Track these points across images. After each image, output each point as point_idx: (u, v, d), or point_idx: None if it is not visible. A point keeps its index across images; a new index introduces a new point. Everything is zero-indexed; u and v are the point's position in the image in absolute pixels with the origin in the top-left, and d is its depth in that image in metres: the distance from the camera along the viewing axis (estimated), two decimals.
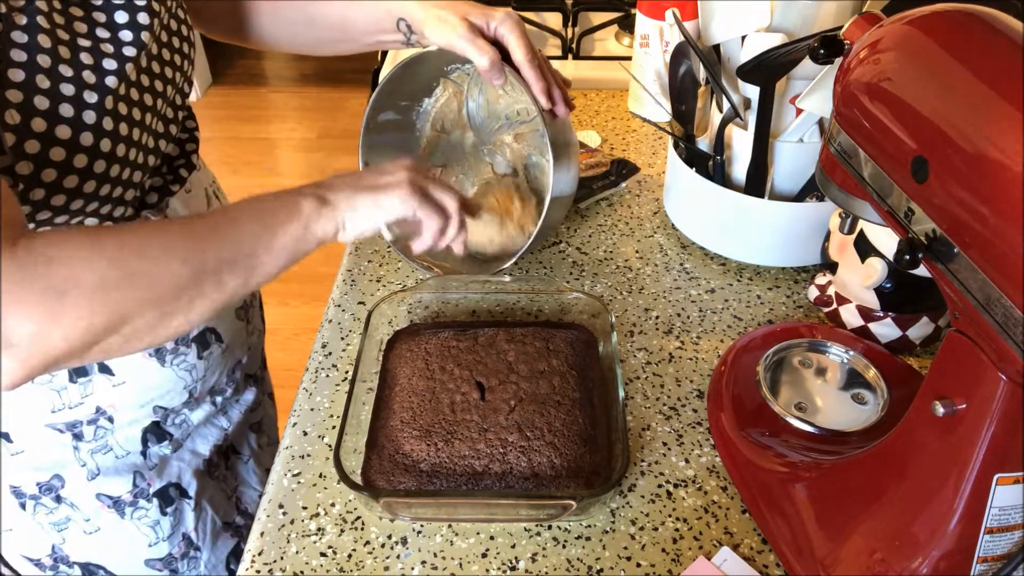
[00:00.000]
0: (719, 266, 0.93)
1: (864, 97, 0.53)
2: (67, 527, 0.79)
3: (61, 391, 0.71)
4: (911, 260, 0.49)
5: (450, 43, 0.79)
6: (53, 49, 0.59)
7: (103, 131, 0.61)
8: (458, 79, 0.94)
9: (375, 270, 0.93)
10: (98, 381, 0.72)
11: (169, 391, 0.78)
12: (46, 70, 0.58)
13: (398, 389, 0.73)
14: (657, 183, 1.07)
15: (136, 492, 0.80)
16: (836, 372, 0.76)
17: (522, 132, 0.95)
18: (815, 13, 0.80)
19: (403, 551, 0.65)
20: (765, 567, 0.63)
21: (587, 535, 0.65)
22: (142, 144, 0.66)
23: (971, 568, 0.53)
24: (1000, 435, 0.49)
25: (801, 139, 0.85)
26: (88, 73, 0.61)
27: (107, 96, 0.61)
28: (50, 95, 0.58)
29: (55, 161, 0.59)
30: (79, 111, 0.59)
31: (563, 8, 1.51)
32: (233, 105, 3.44)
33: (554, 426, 0.69)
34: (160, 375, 0.76)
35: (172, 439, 0.82)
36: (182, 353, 0.77)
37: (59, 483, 0.77)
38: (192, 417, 0.83)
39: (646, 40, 1.17)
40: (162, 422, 0.80)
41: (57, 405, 0.72)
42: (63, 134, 0.59)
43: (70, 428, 0.74)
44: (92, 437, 0.75)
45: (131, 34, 0.65)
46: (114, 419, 0.75)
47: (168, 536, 0.84)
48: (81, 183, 0.61)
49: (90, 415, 0.74)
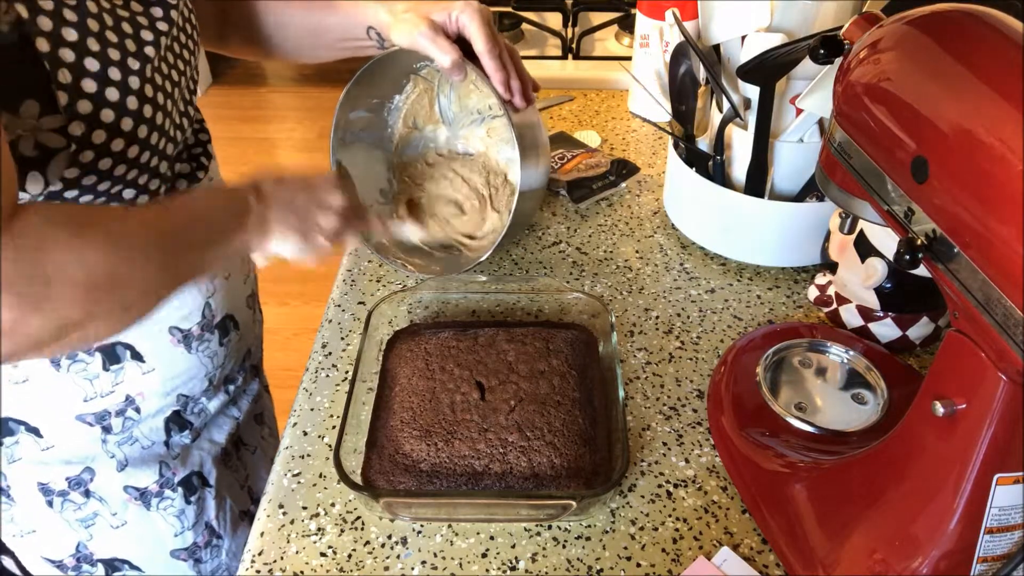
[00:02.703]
0: (719, 266, 0.93)
1: (864, 97, 0.53)
2: (94, 523, 0.80)
3: (94, 380, 0.72)
4: (911, 260, 0.49)
5: (413, 43, 0.79)
6: (99, 15, 0.60)
7: (145, 97, 0.62)
8: (428, 75, 0.94)
9: (375, 270, 0.93)
10: (129, 368, 0.73)
11: (192, 378, 0.79)
12: (95, 33, 0.59)
13: (398, 389, 0.73)
14: (657, 183, 1.07)
15: (162, 482, 0.81)
16: (836, 372, 0.76)
17: (494, 126, 0.95)
18: (815, 13, 0.80)
19: (403, 551, 0.65)
20: (765, 567, 0.63)
21: (587, 535, 0.65)
22: (172, 116, 0.68)
23: (971, 568, 0.53)
24: (1000, 435, 0.49)
25: (801, 139, 0.85)
26: (130, 42, 0.62)
27: (147, 64, 0.63)
28: (100, 58, 0.59)
29: (105, 123, 0.60)
30: (125, 76, 0.61)
31: (563, 8, 1.51)
32: (233, 105, 3.44)
33: (554, 426, 0.69)
34: (187, 361, 0.77)
35: (192, 428, 0.82)
36: (207, 339, 0.78)
37: (89, 476, 0.77)
38: (209, 406, 0.84)
39: (646, 40, 1.17)
40: (183, 411, 0.80)
41: (90, 394, 0.72)
42: (112, 96, 0.60)
43: (99, 420, 0.74)
44: (120, 429, 0.76)
45: (161, 11, 0.67)
46: (141, 409, 0.76)
47: (193, 525, 0.85)
48: (126, 147, 0.62)
49: (119, 404, 0.74)
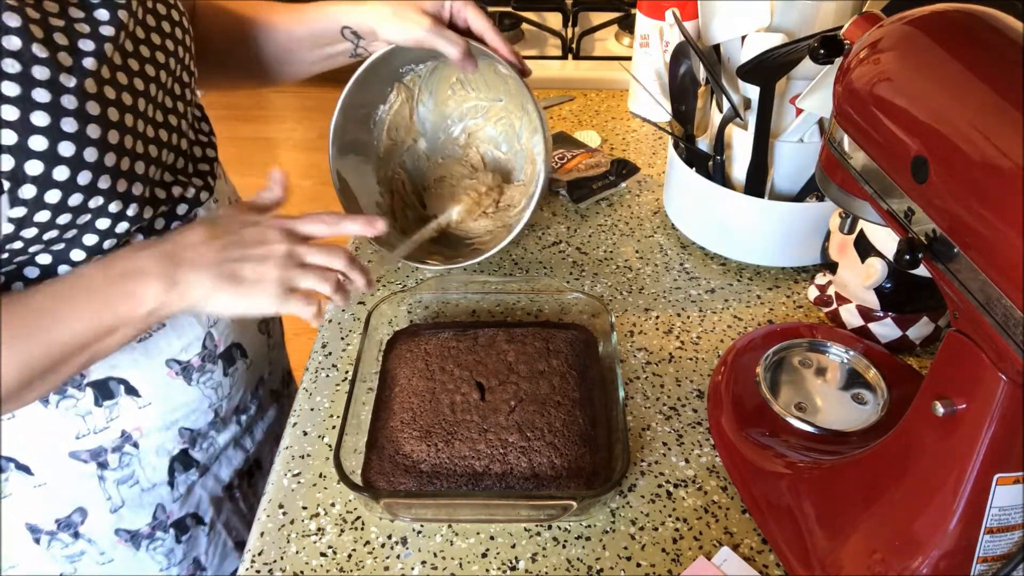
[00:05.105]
0: (719, 266, 0.93)
1: (864, 97, 0.53)
2: (80, 560, 0.77)
3: (86, 416, 0.69)
4: (911, 260, 0.49)
5: (416, 39, 0.75)
6: (23, 28, 0.54)
7: (88, 116, 0.57)
8: (411, 82, 0.92)
9: (375, 270, 0.93)
10: (124, 403, 0.70)
11: (195, 411, 0.75)
12: (15, 52, 0.53)
13: (398, 390, 0.73)
14: (657, 183, 1.07)
15: (155, 524, 0.78)
16: (836, 372, 0.76)
17: (473, 130, 0.96)
18: (815, 13, 0.80)
19: (403, 551, 0.65)
20: (765, 567, 0.63)
21: (587, 535, 0.65)
22: (140, 132, 0.62)
23: (971, 568, 0.53)
24: (1000, 435, 0.49)
25: (801, 139, 0.85)
26: (64, 55, 0.56)
27: (87, 79, 0.57)
28: (21, 79, 0.54)
29: (36, 151, 0.55)
30: (56, 95, 0.55)
31: (563, 8, 1.51)
32: (233, 105, 3.43)
33: (554, 426, 0.69)
34: (186, 394, 0.74)
35: (199, 465, 0.79)
36: (208, 371, 0.75)
37: (80, 518, 0.74)
38: (219, 440, 0.81)
39: (646, 40, 1.17)
40: (190, 448, 0.77)
41: (82, 430, 0.69)
42: (40, 121, 0.55)
43: (94, 457, 0.71)
44: (118, 465, 0.72)
45: (107, 13, 0.60)
46: (139, 444, 0.73)
47: (180, 561, 0.82)
48: (74, 173, 0.57)
49: (115, 441, 0.71)
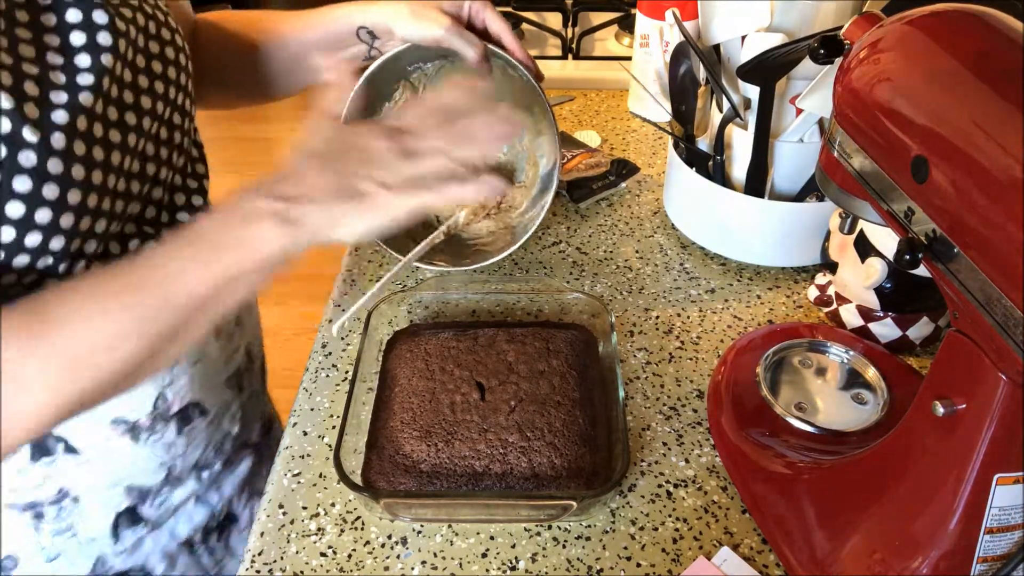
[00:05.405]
0: (719, 266, 0.93)
1: (864, 97, 0.53)
2: None
3: (18, 472, 0.64)
4: (911, 260, 0.49)
5: (434, 38, 0.74)
6: None
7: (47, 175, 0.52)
8: (416, 80, 0.91)
9: (375, 270, 0.93)
10: (61, 462, 0.65)
11: (143, 470, 0.70)
12: None
13: (398, 390, 0.73)
14: (657, 183, 1.07)
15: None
16: (836, 372, 0.76)
17: None
18: (815, 13, 0.80)
19: (403, 551, 0.65)
20: (765, 567, 0.63)
21: (587, 535, 0.65)
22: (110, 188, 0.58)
23: (971, 568, 0.53)
24: (1000, 435, 0.49)
25: (801, 139, 0.85)
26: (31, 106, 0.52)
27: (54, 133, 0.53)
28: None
29: None
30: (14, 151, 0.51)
31: (563, 8, 1.51)
32: None
33: (554, 426, 0.69)
34: (132, 454, 0.68)
35: (148, 522, 0.73)
36: (159, 431, 0.69)
37: (11, 564, 0.68)
38: (173, 496, 0.74)
39: (646, 40, 1.17)
40: (140, 504, 0.71)
41: (15, 485, 0.64)
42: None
43: (29, 508, 0.66)
44: (55, 517, 0.67)
45: (89, 58, 0.55)
46: (80, 499, 0.67)
47: None
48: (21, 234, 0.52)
49: (52, 496, 0.66)
